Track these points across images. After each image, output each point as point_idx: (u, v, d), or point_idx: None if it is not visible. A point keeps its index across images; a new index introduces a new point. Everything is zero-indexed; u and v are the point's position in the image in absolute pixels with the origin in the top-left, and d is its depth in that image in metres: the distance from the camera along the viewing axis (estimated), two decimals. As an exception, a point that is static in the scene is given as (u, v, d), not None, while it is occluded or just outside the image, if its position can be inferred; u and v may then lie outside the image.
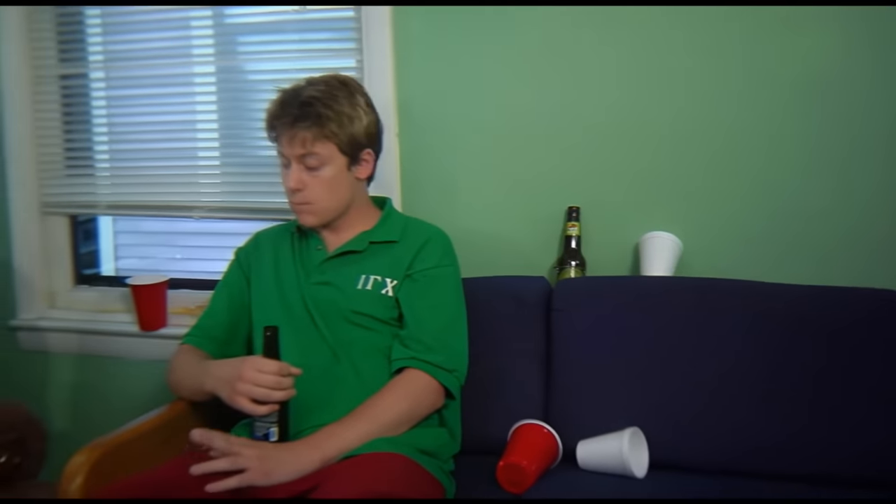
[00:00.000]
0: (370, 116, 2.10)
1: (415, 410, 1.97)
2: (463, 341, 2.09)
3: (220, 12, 2.87)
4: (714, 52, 2.34)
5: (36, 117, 3.01)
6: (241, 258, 2.26)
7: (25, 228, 3.02)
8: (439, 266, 2.10)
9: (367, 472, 1.79)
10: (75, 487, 1.84)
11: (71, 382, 3.05)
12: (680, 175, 2.39)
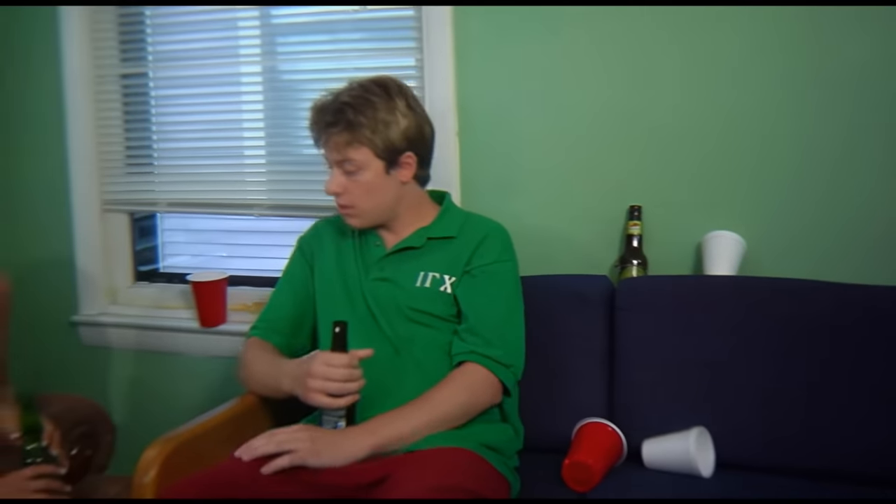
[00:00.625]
0: (411, 119, 2.05)
1: (472, 403, 1.99)
2: (520, 336, 2.08)
3: (267, 12, 2.90)
4: (778, 52, 2.32)
5: (97, 116, 3.06)
6: (304, 248, 2.26)
7: (87, 226, 3.07)
8: (498, 262, 2.09)
9: (434, 464, 1.81)
10: (148, 481, 1.87)
11: (131, 377, 3.09)
12: (743, 174, 2.38)
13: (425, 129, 2.10)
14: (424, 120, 2.10)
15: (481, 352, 2.00)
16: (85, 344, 3.12)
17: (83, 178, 3.05)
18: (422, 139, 2.08)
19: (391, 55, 2.73)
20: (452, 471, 1.80)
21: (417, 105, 2.09)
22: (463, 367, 2.01)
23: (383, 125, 2.00)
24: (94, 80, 3.04)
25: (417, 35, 2.63)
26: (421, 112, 2.09)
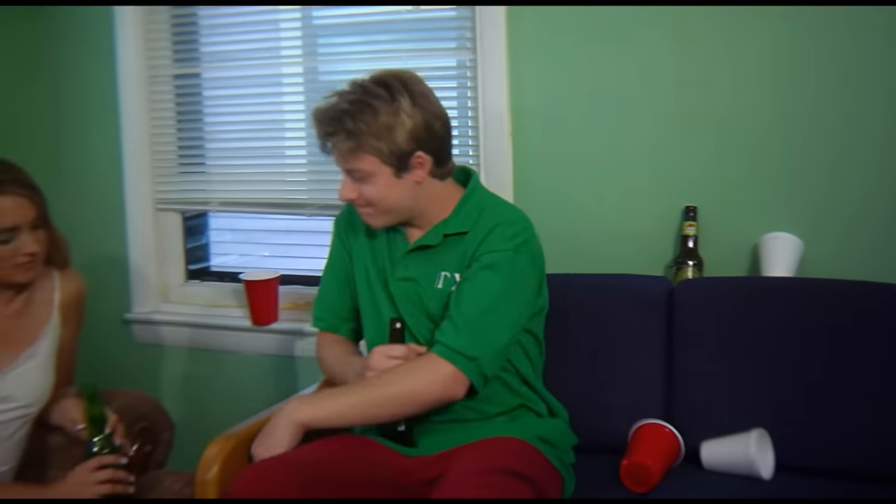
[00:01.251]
0: (417, 118, 1.91)
1: (421, 392, 1.88)
2: (501, 331, 1.93)
3: (309, 13, 2.93)
4: (836, 51, 2.30)
5: (150, 116, 3.09)
6: (341, 231, 2.19)
7: (140, 224, 3.11)
8: (500, 251, 1.94)
9: (486, 450, 1.84)
10: (211, 477, 1.89)
11: (183, 375, 3.12)
12: (800, 175, 2.36)
13: (435, 124, 1.95)
14: (434, 115, 1.95)
15: (445, 341, 1.89)
16: (137, 342, 3.15)
17: (136, 177, 3.09)
18: (433, 136, 1.94)
19: (439, 55, 2.74)
20: (504, 455, 1.82)
21: (424, 100, 1.94)
22: (427, 355, 1.92)
23: (387, 130, 1.89)
24: (148, 81, 3.07)
25: (471, 35, 2.63)
26: (429, 106, 1.94)
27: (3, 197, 1.92)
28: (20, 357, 2.05)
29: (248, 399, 2.96)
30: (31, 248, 1.97)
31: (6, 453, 2.04)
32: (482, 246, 1.96)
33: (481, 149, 2.62)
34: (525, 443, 1.92)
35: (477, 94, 2.61)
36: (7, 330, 2.05)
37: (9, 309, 2.07)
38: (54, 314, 2.13)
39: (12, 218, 1.93)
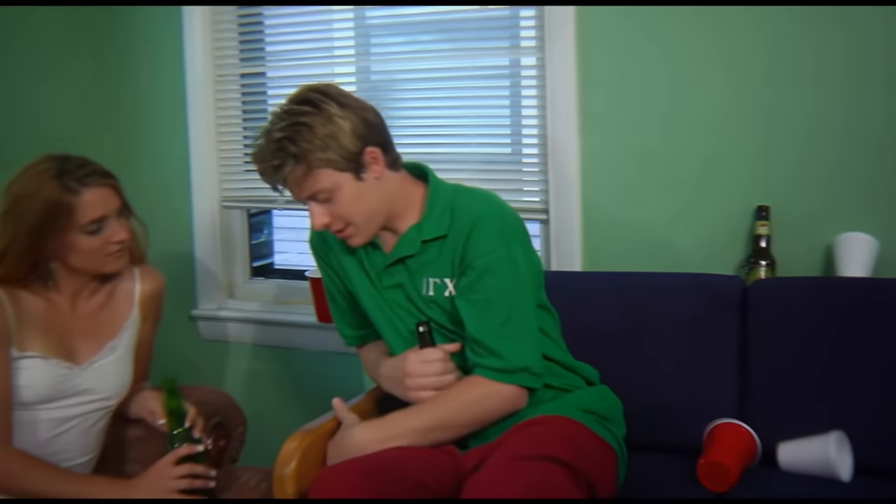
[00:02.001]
0: (351, 117, 1.88)
1: (483, 413, 1.93)
2: (528, 327, 1.94)
3: (368, 12, 2.94)
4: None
5: (217, 115, 3.12)
6: (319, 252, 2.17)
7: (206, 222, 3.14)
8: (489, 253, 1.91)
9: (530, 436, 1.84)
10: (289, 472, 1.91)
11: (248, 371, 3.15)
12: (875, 174, 2.33)
13: (369, 116, 1.92)
14: (363, 108, 1.93)
15: (485, 364, 1.91)
16: (203, 338, 3.19)
17: (203, 175, 3.12)
18: (372, 128, 1.92)
19: (490, 55, 2.78)
20: (545, 439, 1.82)
21: (349, 98, 1.92)
22: (471, 379, 1.94)
23: (330, 138, 1.86)
24: (215, 80, 3.10)
25: (539, 33, 2.63)
26: (355, 103, 1.92)
27: (89, 189, 1.96)
28: (101, 350, 2.09)
29: (313, 396, 2.98)
30: (121, 236, 2.01)
31: (87, 444, 2.08)
32: (470, 250, 1.93)
33: (549, 147, 2.62)
34: (572, 421, 1.92)
35: (545, 93, 2.61)
36: (89, 324, 2.09)
37: (91, 303, 2.10)
38: (134, 309, 2.16)
39: (100, 209, 1.97)
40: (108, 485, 1.97)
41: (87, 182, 1.96)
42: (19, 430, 1.97)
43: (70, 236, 1.96)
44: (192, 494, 1.95)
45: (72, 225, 1.95)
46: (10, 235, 1.95)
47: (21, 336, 1.97)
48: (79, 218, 1.95)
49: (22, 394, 1.96)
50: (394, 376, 2.00)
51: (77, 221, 1.95)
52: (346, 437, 1.94)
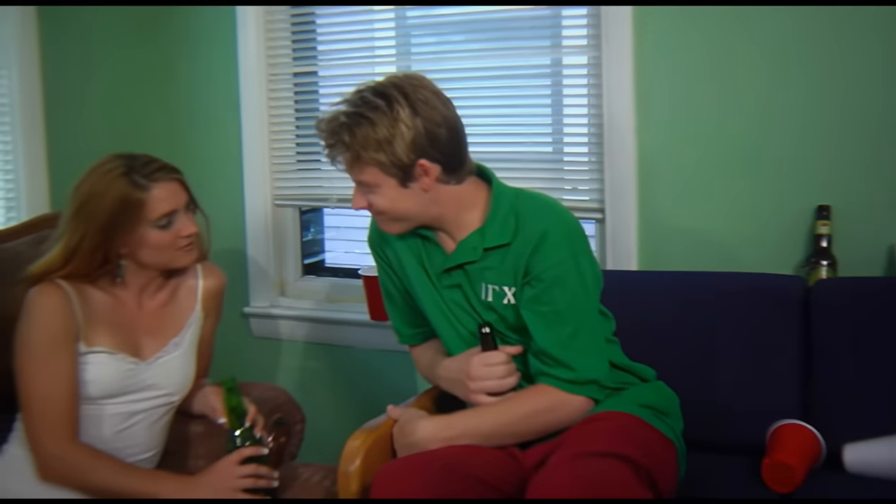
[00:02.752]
0: (418, 127, 1.85)
1: (552, 422, 1.93)
2: (596, 338, 1.96)
3: (409, 12, 2.97)
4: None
5: (270, 114, 3.14)
6: (378, 250, 2.17)
7: (258, 220, 3.16)
8: (557, 265, 1.91)
9: (591, 433, 1.84)
10: (354, 469, 1.92)
11: (300, 368, 3.17)
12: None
13: (438, 131, 1.88)
14: (436, 122, 1.88)
15: (555, 374, 1.91)
16: (255, 335, 3.21)
17: (256, 173, 3.14)
18: (436, 144, 1.88)
19: (531, 54, 2.80)
20: (606, 435, 1.82)
21: (426, 107, 1.87)
22: (540, 388, 1.94)
23: (386, 142, 1.84)
24: (268, 79, 3.12)
25: (596, 32, 2.62)
26: (431, 114, 1.87)
27: (158, 184, 1.98)
28: (166, 346, 2.10)
29: (364, 394, 3.00)
30: (190, 229, 2.03)
31: (151, 440, 2.10)
32: (537, 262, 1.92)
33: (605, 146, 2.61)
34: (631, 416, 1.91)
35: (601, 91, 2.60)
36: (153, 320, 2.11)
37: (155, 300, 2.12)
38: (197, 306, 2.18)
39: (169, 203, 1.99)
40: (172, 481, 1.99)
41: (155, 178, 1.98)
42: (86, 425, 1.99)
43: (141, 232, 1.98)
44: (256, 494, 1.96)
45: (142, 220, 1.97)
46: (80, 233, 1.97)
47: (88, 331, 1.99)
48: (149, 213, 1.97)
49: (89, 389, 1.99)
50: (455, 378, 2.00)
51: (147, 217, 1.97)
52: (411, 427, 1.95)
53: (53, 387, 1.94)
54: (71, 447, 1.95)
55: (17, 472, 1.99)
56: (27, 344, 1.96)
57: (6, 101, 2.81)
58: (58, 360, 1.95)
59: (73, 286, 1.99)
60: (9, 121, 2.82)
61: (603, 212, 2.64)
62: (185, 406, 2.18)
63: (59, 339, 1.95)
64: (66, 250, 1.99)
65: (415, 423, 1.96)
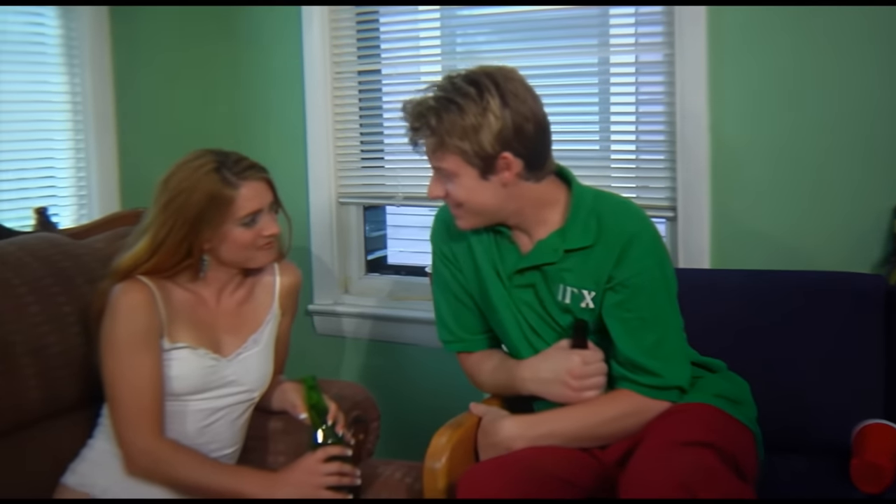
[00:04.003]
0: (506, 119, 1.83)
1: (635, 425, 1.92)
2: (680, 350, 1.97)
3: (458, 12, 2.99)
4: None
5: (335, 112, 3.15)
6: (443, 248, 2.13)
7: (322, 217, 3.17)
8: (644, 272, 1.90)
9: (672, 423, 1.83)
10: (440, 467, 1.92)
11: (365, 366, 3.19)
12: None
13: (526, 126, 1.86)
14: (525, 116, 1.86)
15: (639, 380, 1.91)
16: (318, 333, 3.22)
17: (320, 170, 3.16)
18: (522, 138, 1.86)
19: (578, 53, 2.82)
20: (690, 424, 1.81)
21: (516, 100, 1.85)
22: (623, 393, 1.94)
23: (472, 130, 1.83)
24: (333, 77, 3.14)
25: (669, 29, 2.61)
26: (521, 107, 1.85)
27: (247, 183, 2.00)
28: (245, 343, 2.12)
29: (429, 392, 3.00)
30: (272, 230, 2.04)
31: (232, 436, 2.12)
32: (622, 269, 1.90)
33: (677, 144, 2.60)
34: (708, 406, 1.90)
35: (674, 90, 2.59)
36: (232, 317, 2.12)
37: (234, 297, 2.14)
38: (275, 303, 2.19)
39: (256, 202, 2.01)
40: (257, 477, 1.99)
41: (245, 176, 2.00)
42: (170, 421, 2.01)
43: (225, 228, 2.00)
44: (339, 491, 1.96)
45: (229, 217, 1.99)
46: (168, 227, 1.99)
47: (171, 328, 2.01)
48: (236, 211, 1.98)
49: (173, 385, 2.01)
50: (551, 378, 1.96)
51: (234, 214, 1.99)
52: (494, 427, 1.95)
53: (139, 383, 1.96)
54: (158, 442, 1.97)
55: (105, 466, 2.02)
56: (113, 341, 1.98)
57: (79, 99, 2.84)
58: (143, 357, 1.97)
59: (155, 283, 2.00)
60: (81, 119, 2.85)
61: (675, 210, 2.63)
62: (265, 402, 2.19)
63: (145, 336, 1.97)
64: (152, 243, 2.01)
65: (499, 423, 1.96)
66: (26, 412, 2.06)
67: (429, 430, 2.08)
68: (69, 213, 2.83)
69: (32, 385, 2.06)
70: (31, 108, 2.76)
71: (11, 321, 2.05)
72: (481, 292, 2.08)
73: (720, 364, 2.11)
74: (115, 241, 2.39)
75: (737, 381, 2.07)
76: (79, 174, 2.87)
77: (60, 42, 2.79)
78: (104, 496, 1.98)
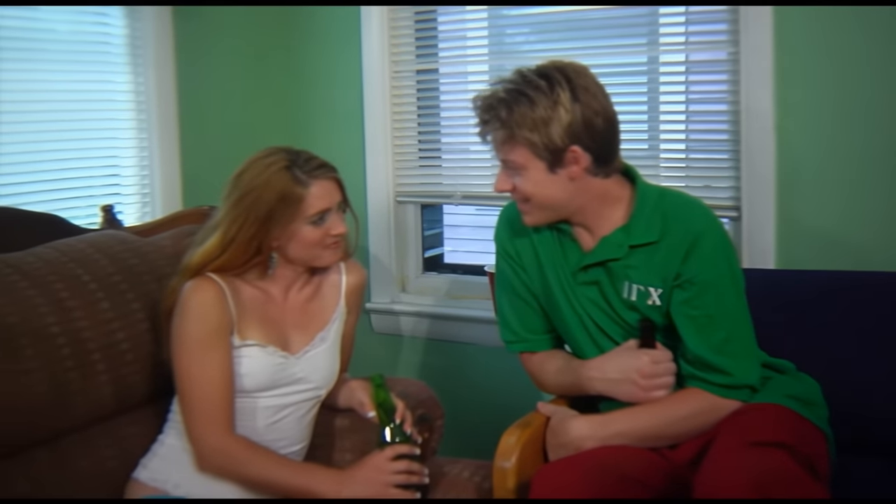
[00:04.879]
0: (576, 112, 1.84)
1: (705, 424, 1.91)
2: (750, 348, 1.95)
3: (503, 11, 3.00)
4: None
5: (393, 111, 3.16)
6: (507, 246, 2.12)
7: (380, 216, 3.18)
8: (712, 269, 1.90)
9: (745, 424, 1.81)
10: (510, 466, 1.92)
11: (422, 364, 3.19)
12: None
13: (595, 120, 1.86)
14: (595, 110, 1.87)
15: (708, 379, 1.91)
16: (376, 331, 3.23)
17: (378, 169, 3.17)
18: (592, 132, 1.86)
19: (625, 52, 2.83)
20: (762, 425, 1.79)
21: (586, 94, 1.86)
22: (693, 392, 1.93)
23: (542, 123, 1.83)
24: (391, 76, 3.15)
25: (733, 28, 2.59)
26: (591, 101, 1.86)
27: (318, 182, 2.01)
28: (312, 341, 2.13)
29: (487, 391, 3.00)
30: (339, 229, 2.05)
31: (300, 433, 2.13)
32: (690, 266, 1.90)
33: (742, 143, 2.58)
34: (780, 407, 1.88)
35: (739, 88, 2.57)
36: (299, 315, 2.14)
37: (301, 295, 2.15)
38: (341, 301, 2.20)
39: (325, 201, 2.02)
40: (326, 474, 2.01)
41: (316, 175, 2.01)
42: (240, 418, 2.03)
43: (294, 227, 2.01)
44: (407, 490, 1.97)
45: (298, 216, 2.00)
46: (238, 224, 2.00)
47: (241, 325, 2.02)
48: (306, 209, 1.99)
49: (243, 382, 2.02)
50: (619, 377, 1.94)
51: (303, 213, 2.00)
52: (563, 427, 1.95)
53: (211, 380, 1.97)
54: (229, 439, 1.98)
55: (176, 461, 2.04)
56: (185, 338, 1.99)
57: (143, 98, 2.87)
58: (214, 354, 1.98)
59: (225, 281, 2.02)
60: (145, 118, 2.88)
61: (738, 209, 2.61)
62: (331, 400, 2.21)
63: (216, 333, 1.99)
64: (223, 239, 2.02)
65: (568, 423, 1.95)
66: (99, 407, 2.08)
67: (489, 429, 2.10)
68: (132, 210, 2.86)
69: (104, 381, 2.08)
70: (96, 107, 2.80)
71: (84, 317, 2.07)
72: (545, 291, 2.07)
73: (789, 365, 2.09)
74: (181, 239, 2.41)
75: (807, 382, 2.06)
76: (142, 172, 2.90)
77: (125, 42, 2.82)
78: (176, 492, 2.00)
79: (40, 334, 1.98)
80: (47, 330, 1.99)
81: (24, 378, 1.92)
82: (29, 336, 1.96)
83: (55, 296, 2.05)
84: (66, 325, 2.03)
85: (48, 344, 1.98)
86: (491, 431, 2.21)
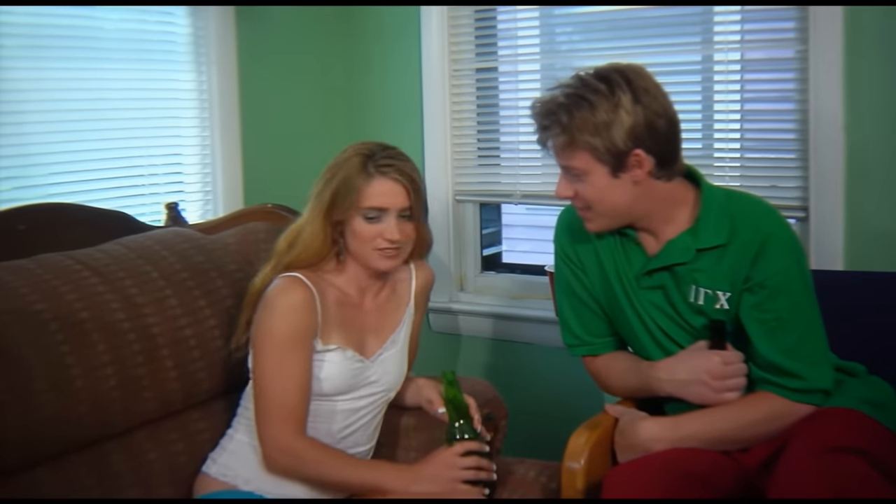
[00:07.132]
0: (638, 115, 1.81)
1: (779, 428, 1.86)
2: (822, 351, 1.91)
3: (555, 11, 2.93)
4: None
5: (452, 109, 3.16)
6: (567, 250, 2.09)
7: (439, 215, 3.17)
8: (782, 272, 1.86)
9: (819, 427, 1.78)
10: (580, 467, 1.90)
11: (481, 364, 3.18)
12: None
13: (658, 122, 1.83)
14: (657, 112, 1.84)
15: (781, 383, 1.87)
16: (434, 330, 3.23)
17: (437, 168, 3.17)
18: (654, 135, 1.83)
19: (679, 51, 2.81)
20: (837, 430, 1.76)
21: (647, 96, 1.83)
22: (764, 396, 1.89)
23: (604, 127, 1.80)
24: (451, 75, 3.15)
25: (801, 25, 2.55)
26: (652, 103, 1.83)
27: (382, 178, 2.01)
28: (385, 344, 2.13)
29: (548, 391, 2.98)
30: (392, 235, 2.01)
31: (370, 434, 2.14)
32: (760, 269, 1.86)
33: (810, 143, 2.54)
34: (853, 411, 1.84)
35: (808, 87, 2.53)
36: (374, 318, 2.13)
37: (377, 300, 2.15)
38: (411, 303, 2.20)
39: (381, 200, 2.00)
40: (394, 471, 2.01)
41: (383, 171, 2.01)
42: (319, 421, 2.04)
43: (352, 216, 2.01)
44: (475, 486, 1.96)
45: (354, 205, 2.00)
46: (313, 204, 2.04)
47: (325, 329, 2.02)
48: (361, 200, 2.00)
49: (323, 385, 2.03)
50: (690, 378, 1.91)
51: (359, 203, 2.00)
52: (633, 429, 1.93)
53: (289, 382, 1.98)
54: (300, 441, 1.98)
55: (245, 458, 2.05)
56: (270, 337, 1.99)
57: (206, 97, 2.89)
58: (297, 356, 1.99)
59: (314, 283, 2.02)
60: (207, 116, 2.90)
61: (806, 210, 2.57)
62: (397, 399, 2.21)
63: (301, 336, 1.99)
64: (303, 223, 2.06)
65: (637, 424, 1.93)
66: (168, 403, 2.10)
67: (552, 429, 2.08)
68: (195, 208, 2.88)
69: (172, 377, 2.10)
70: (161, 105, 2.82)
71: (153, 314, 2.09)
72: (607, 295, 2.05)
73: (860, 368, 2.05)
74: (245, 236, 2.43)
75: (880, 385, 2.02)
76: (204, 170, 2.92)
77: (189, 41, 2.85)
78: (246, 487, 2.01)
79: (111, 329, 2.00)
80: (118, 326, 2.02)
81: (96, 372, 1.95)
82: (101, 331, 1.98)
83: (125, 292, 2.07)
84: (135, 320, 2.05)
85: (119, 339, 2.01)
86: (551, 432, 2.20)
